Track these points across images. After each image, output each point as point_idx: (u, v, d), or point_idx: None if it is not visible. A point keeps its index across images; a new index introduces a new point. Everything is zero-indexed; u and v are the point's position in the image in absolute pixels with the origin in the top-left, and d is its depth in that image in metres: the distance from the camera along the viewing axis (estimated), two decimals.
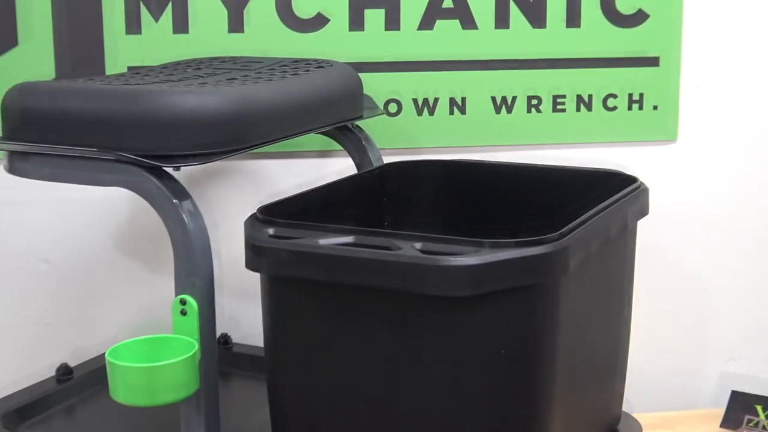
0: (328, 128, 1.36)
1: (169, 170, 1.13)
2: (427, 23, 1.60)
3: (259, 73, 1.35)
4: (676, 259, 1.72)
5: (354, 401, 1.07)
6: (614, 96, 1.66)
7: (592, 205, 1.15)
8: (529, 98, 1.64)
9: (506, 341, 1.01)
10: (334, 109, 1.35)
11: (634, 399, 1.64)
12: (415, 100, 1.62)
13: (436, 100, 1.62)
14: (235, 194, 1.65)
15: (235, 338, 1.63)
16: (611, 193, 1.21)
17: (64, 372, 1.48)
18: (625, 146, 1.68)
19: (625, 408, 1.35)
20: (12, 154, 1.19)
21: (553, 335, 1.04)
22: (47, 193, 1.60)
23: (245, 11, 1.56)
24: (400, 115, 1.62)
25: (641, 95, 1.66)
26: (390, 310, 1.02)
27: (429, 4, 1.59)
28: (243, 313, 1.66)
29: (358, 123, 1.48)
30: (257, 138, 1.19)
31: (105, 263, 1.64)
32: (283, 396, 1.13)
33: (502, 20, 1.61)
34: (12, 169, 1.19)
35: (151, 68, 1.43)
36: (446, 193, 1.43)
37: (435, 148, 1.64)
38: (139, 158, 1.10)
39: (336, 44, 1.58)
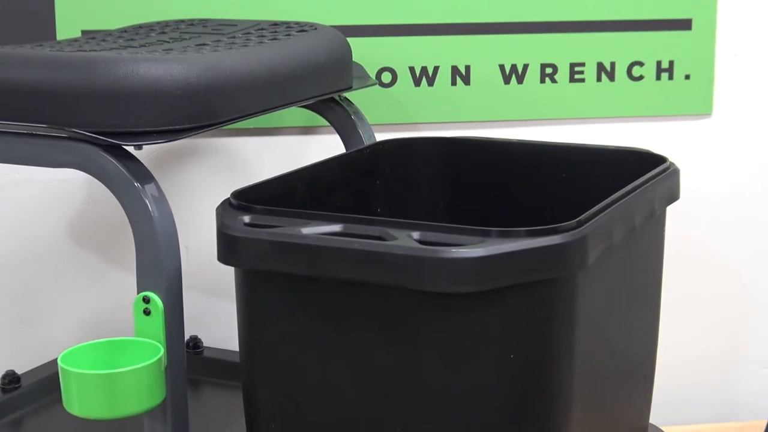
0: (312, 101, 1.36)
1: (130, 149, 1.13)
2: None
3: (233, 38, 1.35)
4: (711, 250, 1.73)
5: (342, 413, 1.07)
6: (640, 64, 1.66)
7: (615, 189, 1.15)
8: (543, 67, 1.64)
9: (516, 344, 1.02)
10: (319, 79, 1.35)
11: (663, 410, 1.64)
12: (412, 69, 1.62)
13: (436, 69, 1.62)
14: (206, 177, 1.65)
15: (206, 341, 1.63)
16: (637, 175, 1.21)
17: (11, 380, 1.48)
18: (653, 121, 1.69)
19: (652, 420, 1.35)
20: None
21: (570, 337, 1.05)
22: None
23: None
24: (394, 86, 1.62)
25: (671, 63, 1.66)
26: (383, 309, 1.03)
27: None
28: (215, 313, 1.66)
29: (347, 95, 1.48)
30: (231, 112, 1.19)
31: (57, 256, 1.64)
32: (261, 407, 1.13)
33: None
34: None
35: (108, 32, 1.43)
36: (447, 176, 1.43)
37: (435, 124, 1.64)
38: (95, 135, 1.10)
39: (321, 5, 1.58)
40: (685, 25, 1.65)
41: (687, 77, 1.67)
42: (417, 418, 1.04)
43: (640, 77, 1.66)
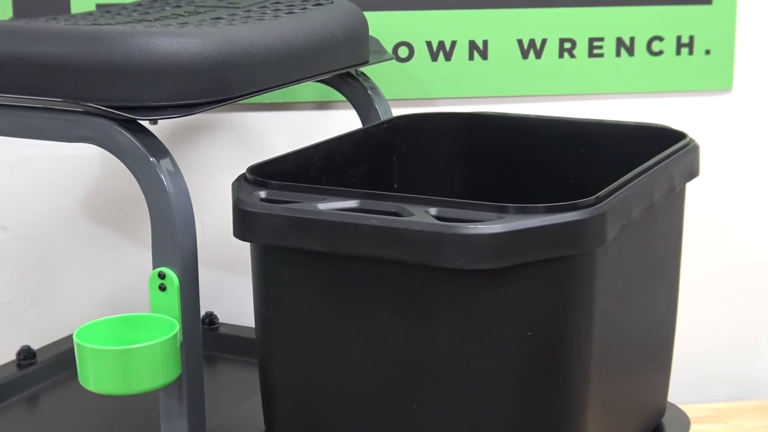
0: (328, 76, 1.35)
1: (145, 124, 1.13)
2: None
3: (249, 11, 1.35)
4: (731, 228, 1.72)
5: (359, 389, 1.07)
6: (660, 39, 1.65)
7: (634, 165, 1.15)
8: (562, 41, 1.64)
9: (534, 322, 1.02)
10: (335, 53, 1.35)
11: (682, 388, 1.64)
12: (429, 44, 1.62)
13: (453, 43, 1.62)
14: (221, 152, 1.65)
15: (222, 317, 1.63)
16: (656, 151, 1.21)
17: (27, 356, 1.48)
18: (673, 97, 1.68)
19: (670, 399, 1.35)
20: None
21: (588, 314, 1.04)
22: (5, 151, 1.60)
23: None
24: (411, 61, 1.62)
25: (691, 38, 1.65)
26: (400, 286, 1.03)
27: None
28: (230, 288, 1.66)
29: (363, 70, 1.48)
30: (246, 87, 1.18)
31: (72, 231, 1.65)
32: (276, 383, 1.13)
33: None
34: None
35: (123, 6, 1.42)
36: (465, 151, 1.43)
37: (452, 99, 1.64)
38: (110, 110, 1.10)
39: None
40: None
41: (707, 52, 1.66)
42: (434, 395, 1.04)
43: (660, 52, 1.65)
